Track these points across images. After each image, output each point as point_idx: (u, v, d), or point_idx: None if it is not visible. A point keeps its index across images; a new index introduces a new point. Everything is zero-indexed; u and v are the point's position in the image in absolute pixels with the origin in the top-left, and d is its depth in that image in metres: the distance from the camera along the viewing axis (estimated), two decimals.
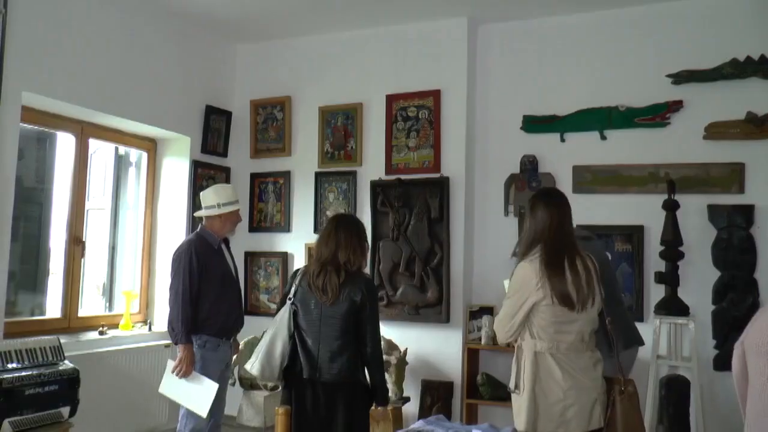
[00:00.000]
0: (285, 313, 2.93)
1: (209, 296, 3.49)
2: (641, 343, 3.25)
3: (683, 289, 4.00)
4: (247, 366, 2.93)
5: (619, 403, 2.52)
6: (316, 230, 5.05)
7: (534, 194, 2.78)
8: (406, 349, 4.51)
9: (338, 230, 2.92)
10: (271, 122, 5.34)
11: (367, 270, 3.17)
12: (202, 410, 3.35)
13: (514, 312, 2.56)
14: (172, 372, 3.43)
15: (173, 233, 4.97)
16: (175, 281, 3.47)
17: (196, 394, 3.38)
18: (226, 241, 3.74)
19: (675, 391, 3.79)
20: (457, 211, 4.60)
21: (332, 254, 2.88)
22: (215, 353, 3.52)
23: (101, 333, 4.34)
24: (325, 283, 2.84)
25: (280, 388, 4.78)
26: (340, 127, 5.06)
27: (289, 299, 2.94)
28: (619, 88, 4.42)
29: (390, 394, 3.93)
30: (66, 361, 3.58)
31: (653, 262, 4.19)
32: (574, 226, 2.77)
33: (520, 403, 2.54)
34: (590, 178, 4.46)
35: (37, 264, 4.48)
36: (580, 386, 2.48)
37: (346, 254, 2.87)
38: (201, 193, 3.70)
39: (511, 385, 2.59)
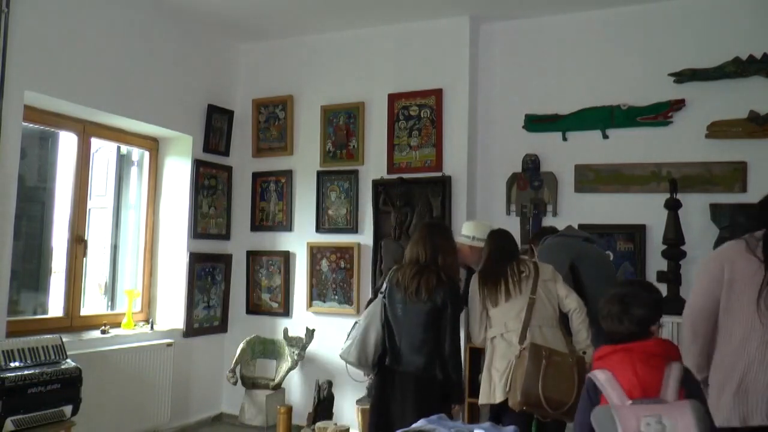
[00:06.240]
0: (377, 306, 3.20)
1: None
2: None
3: (685, 288, 3.99)
4: (343, 354, 3.16)
5: (517, 367, 2.85)
6: (317, 229, 5.05)
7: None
8: None
9: (433, 236, 3.17)
10: (273, 121, 5.34)
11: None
12: None
13: (473, 312, 3.19)
14: None
15: (175, 232, 4.98)
16: None
17: None
18: (471, 270, 3.86)
19: None
20: (459, 210, 4.59)
21: (431, 258, 3.11)
22: None
23: (103, 332, 4.34)
24: (420, 284, 3.05)
25: (282, 386, 4.82)
26: (342, 126, 5.05)
27: (381, 293, 3.22)
28: (621, 86, 4.41)
29: None
30: (68, 360, 3.58)
31: (655, 261, 4.18)
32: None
33: (482, 380, 3.05)
34: (592, 177, 4.45)
35: (40, 263, 4.49)
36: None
37: (444, 259, 3.12)
38: (466, 222, 3.86)
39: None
